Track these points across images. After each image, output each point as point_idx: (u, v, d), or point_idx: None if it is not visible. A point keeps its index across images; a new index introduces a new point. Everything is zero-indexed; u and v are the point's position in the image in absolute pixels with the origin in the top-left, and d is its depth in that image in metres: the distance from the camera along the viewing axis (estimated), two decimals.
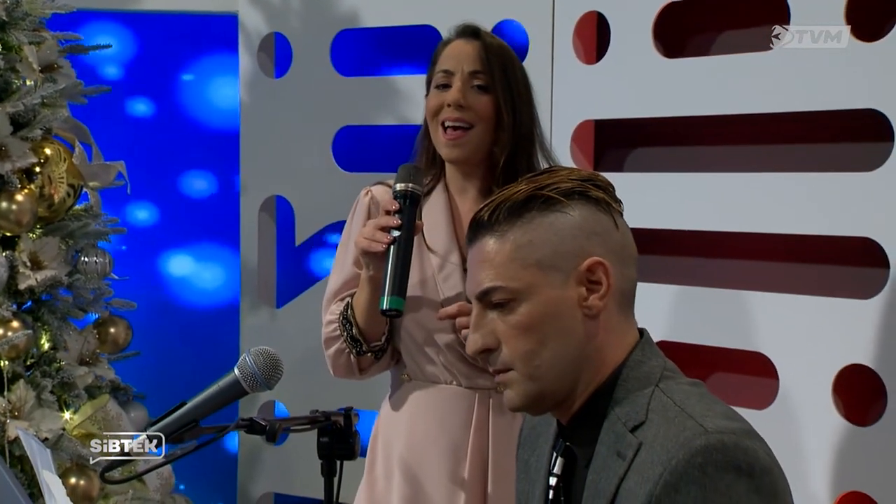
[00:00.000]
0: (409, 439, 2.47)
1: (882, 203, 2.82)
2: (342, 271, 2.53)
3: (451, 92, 2.41)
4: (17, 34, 3.22)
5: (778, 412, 2.96)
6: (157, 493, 3.38)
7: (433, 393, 2.47)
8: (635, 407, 1.59)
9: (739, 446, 1.49)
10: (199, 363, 4.45)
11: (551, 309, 1.61)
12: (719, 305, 3.13)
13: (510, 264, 1.61)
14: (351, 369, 2.49)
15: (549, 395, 1.64)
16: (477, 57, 2.43)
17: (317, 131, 3.83)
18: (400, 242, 2.28)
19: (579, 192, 1.64)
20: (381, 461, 2.53)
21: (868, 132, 2.93)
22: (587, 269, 1.61)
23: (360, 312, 2.42)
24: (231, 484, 4.04)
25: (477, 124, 2.41)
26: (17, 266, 3.09)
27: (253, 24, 3.92)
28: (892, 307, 2.81)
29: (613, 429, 1.60)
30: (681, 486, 1.47)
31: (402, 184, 2.34)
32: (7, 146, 3.09)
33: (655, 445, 1.53)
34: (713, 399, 1.60)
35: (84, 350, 3.30)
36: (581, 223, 1.62)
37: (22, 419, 2.99)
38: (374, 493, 2.53)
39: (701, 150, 3.43)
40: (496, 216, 1.63)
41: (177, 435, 1.88)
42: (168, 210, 4.56)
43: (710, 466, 1.47)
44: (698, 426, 1.51)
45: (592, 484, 1.60)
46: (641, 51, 3.22)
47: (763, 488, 1.48)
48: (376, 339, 2.45)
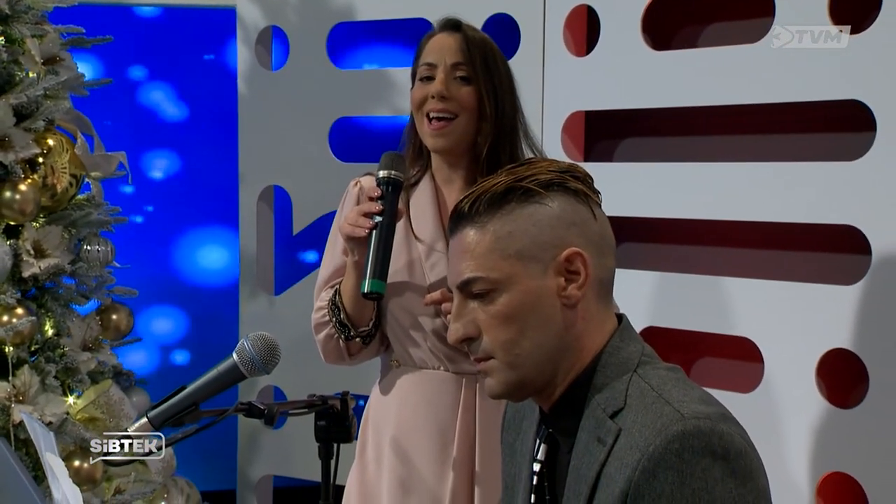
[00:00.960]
0: (399, 423, 2.47)
1: (864, 192, 2.83)
2: (332, 260, 2.54)
3: (434, 84, 2.41)
4: (19, 27, 3.22)
5: (763, 395, 2.97)
6: (158, 475, 3.38)
7: (421, 378, 2.47)
8: (614, 393, 1.60)
9: (715, 431, 1.49)
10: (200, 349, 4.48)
11: (531, 299, 1.61)
12: (706, 292, 3.14)
13: (490, 255, 1.61)
14: (340, 354, 2.49)
15: (530, 382, 1.64)
16: (458, 49, 2.43)
17: (313, 122, 3.83)
18: (382, 227, 2.29)
19: (558, 184, 1.63)
20: (372, 445, 2.53)
21: (851, 122, 2.94)
22: (565, 259, 1.61)
23: (348, 298, 2.42)
24: (231, 466, 4.05)
25: (460, 114, 2.41)
26: (20, 254, 3.09)
27: (250, 17, 3.92)
28: (873, 293, 2.82)
29: (594, 415, 1.60)
30: (658, 472, 1.48)
31: (385, 171, 2.35)
32: (10, 137, 3.08)
33: (634, 431, 1.53)
34: (690, 384, 1.60)
35: (87, 336, 3.30)
36: (560, 214, 1.62)
37: (27, 403, 2.99)
38: (366, 476, 2.53)
39: (689, 140, 3.43)
40: (476, 207, 1.63)
41: (177, 418, 1.88)
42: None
43: (687, 452, 1.48)
44: (675, 412, 1.52)
45: (575, 469, 1.61)
46: (630, 43, 3.23)
47: (738, 471, 1.49)
48: (364, 325, 2.45)
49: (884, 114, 2.79)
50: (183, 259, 4.75)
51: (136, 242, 4.48)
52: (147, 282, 4.20)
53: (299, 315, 3.83)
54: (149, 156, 4.64)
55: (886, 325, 2.79)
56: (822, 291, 2.93)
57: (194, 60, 4.71)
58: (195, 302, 4.72)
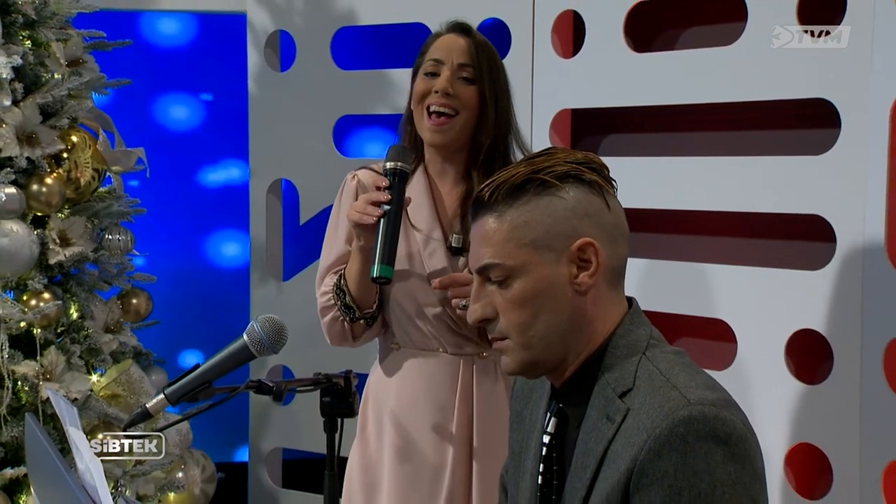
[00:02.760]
0: (399, 400, 2.47)
1: (830, 183, 2.83)
2: (334, 248, 2.52)
3: (439, 80, 2.39)
4: (45, 32, 3.22)
5: (736, 373, 2.98)
6: (176, 447, 3.39)
7: (421, 359, 2.46)
8: (623, 374, 1.59)
9: (718, 417, 1.49)
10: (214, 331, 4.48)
11: (544, 285, 1.60)
12: (684, 277, 3.15)
13: (507, 244, 1.61)
14: (345, 336, 2.47)
15: (542, 362, 1.64)
16: (467, 51, 2.41)
17: (318, 120, 3.83)
18: (389, 215, 2.27)
19: (574, 176, 1.61)
20: (373, 421, 2.52)
21: (817, 119, 2.94)
22: (578, 249, 1.60)
23: (353, 281, 2.40)
24: (243, 439, 4.06)
25: (461, 112, 2.39)
26: (47, 243, 3.09)
27: (260, 22, 3.91)
28: (838, 278, 2.83)
29: (603, 393, 1.59)
30: (663, 453, 1.48)
31: (392, 162, 2.33)
32: (37, 134, 3.09)
33: (642, 413, 1.53)
34: (696, 369, 1.60)
35: (109, 319, 3.30)
36: (574, 205, 1.60)
37: (53, 381, 3.00)
38: (367, 451, 2.52)
39: (668, 136, 3.43)
40: (496, 196, 1.62)
41: (192, 395, 1.88)
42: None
43: (692, 436, 1.47)
44: (682, 397, 1.51)
45: (583, 443, 1.60)
46: (613, 46, 3.22)
47: (738, 455, 1.49)
48: (368, 307, 2.43)
49: (848, 111, 2.80)
50: (198, 246, 4.76)
51: (155, 232, 4.49)
52: (165, 268, 4.21)
53: (306, 299, 3.84)
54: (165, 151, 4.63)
55: (849, 308, 2.80)
56: (790, 276, 2.93)
57: (209, 62, 4.71)
58: (210, 287, 4.72)
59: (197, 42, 4.70)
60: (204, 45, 4.69)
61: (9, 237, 2.98)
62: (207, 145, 4.70)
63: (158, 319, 3.64)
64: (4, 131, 3.01)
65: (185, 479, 3.43)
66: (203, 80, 4.72)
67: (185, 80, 4.70)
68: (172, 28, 4.67)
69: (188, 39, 4.70)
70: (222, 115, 4.68)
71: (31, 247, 3.03)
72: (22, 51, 3.09)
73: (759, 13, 2.94)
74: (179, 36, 4.70)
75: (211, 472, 3.55)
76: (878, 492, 2.75)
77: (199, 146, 4.72)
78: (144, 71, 4.54)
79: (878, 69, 2.73)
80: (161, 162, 4.14)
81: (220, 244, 4.76)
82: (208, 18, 4.59)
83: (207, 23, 4.65)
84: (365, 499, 2.51)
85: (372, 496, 2.50)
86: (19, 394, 2.98)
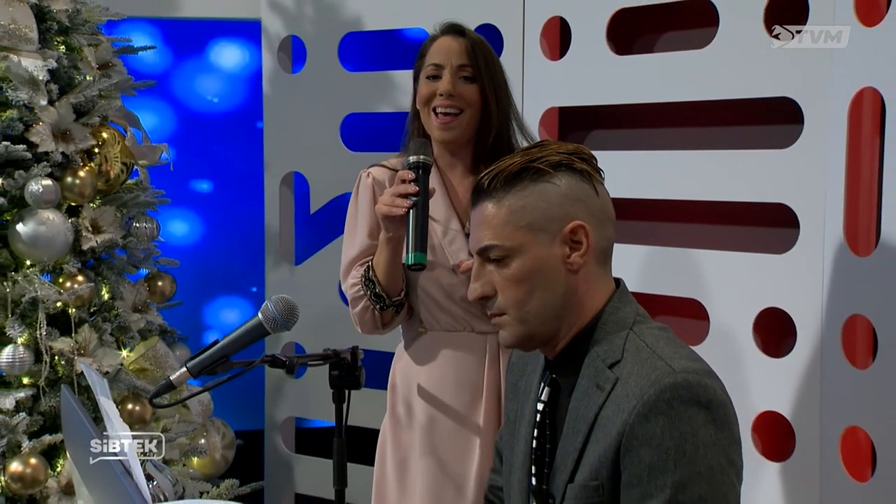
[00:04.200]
0: (429, 379, 2.42)
1: (794, 175, 2.84)
2: (356, 242, 2.45)
3: (441, 83, 2.36)
4: (78, 37, 3.22)
5: (708, 347, 2.99)
6: (198, 416, 3.40)
7: (449, 339, 2.41)
8: (612, 347, 1.60)
9: (701, 384, 1.51)
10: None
11: (539, 265, 1.61)
12: (662, 260, 3.15)
13: (505, 226, 1.62)
14: (375, 324, 2.42)
15: (537, 335, 1.65)
16: (464, 51, 2.37)
17: (327, 118, 3.83)
18: (418, 206, 2.20)
19: (566, 165, 1.63)
20: (402, 403, 2.48)
21: (783, 116, 2.94)
22: (570, 231, 1.61)
23: (381, 271, 2.35)
24: (259, 409, 4.07)
25: (465, 109, 2.36)
26: (80, 230, 3.10)
27: (273, 28, 3.91)
28: (801, 260, 2.84)
29: (594, 364, 1.60)
30: (651, 417, 1.49)
31: (416, 156, 2.27)
32: (71, 131, 3.09)
33: (630, 382, 1.54)
34: (679, 343, 1.61)
35: (137, 300, 3.31)
36: (566, 192, 1.62)
37: (87, 356, 3.01)
38: (398, 430, 2.48)
39: (647, 131, 3.43)
40: (494, 184, 1.63)
41: (212, 368, 1.88)
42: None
43: (676, 401, 1.49)
44: (667, 367, 1.53)
45: (574, 410, 1.61)
46: (597, 49, 3.22)
47: (718, 420, 1.50)
48: (396, 295, 2.38)
49: (810, 108, 2.80)
50: (218, 233, 4.76)
51: (180, 220, 4.50)
52: (187, 255, 4.22)
53: (316, 281, 3.87)
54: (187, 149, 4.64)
55: (811, 288, 2.81)
56: (757, 259, 2.94)
57: (228, 65, 4.71)
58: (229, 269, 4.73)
59: (217, 46, 4.69)
60: (224, 49, 4.69)
61: (46, 225, 2.98)
62: (226, 141, 4.70)
63: (182, 300, 3.65)
64: (41, 128, 3.02)
65: (206, 446, 3.44)
66: (223, 81, 4.72)
67: (208, 81, 4.69)
68: (197, 33, 4.66)
69: (210, 43, 4.70)
70: (239, 114, 4.67)
71: (66, 234, 3.03)
72: (57, 55, 3.09)
73: (729, 19, 2.94)
74: (203, 41, 4.69)
75: (230, 438, 3.57)
76: (836, 454, 2.77)
77: (218, 141, 4.72)
78: (169, 72, 4.55)
79: (837, 70, 2.73)
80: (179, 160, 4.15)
81: (237, 231, 4.76)
82: (226, 25, 4.59)
83: (226, 29, 4.64)
84: (398, 477, 2.48)
85: (404, 475, 2.47)
86: (56, 367, 2.99)
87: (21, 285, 2.95)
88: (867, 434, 2.70)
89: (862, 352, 2.78)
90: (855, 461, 2.78)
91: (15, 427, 2.88)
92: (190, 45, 4.62)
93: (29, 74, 2.99)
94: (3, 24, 2.99)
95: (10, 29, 3.00)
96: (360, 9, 3.75)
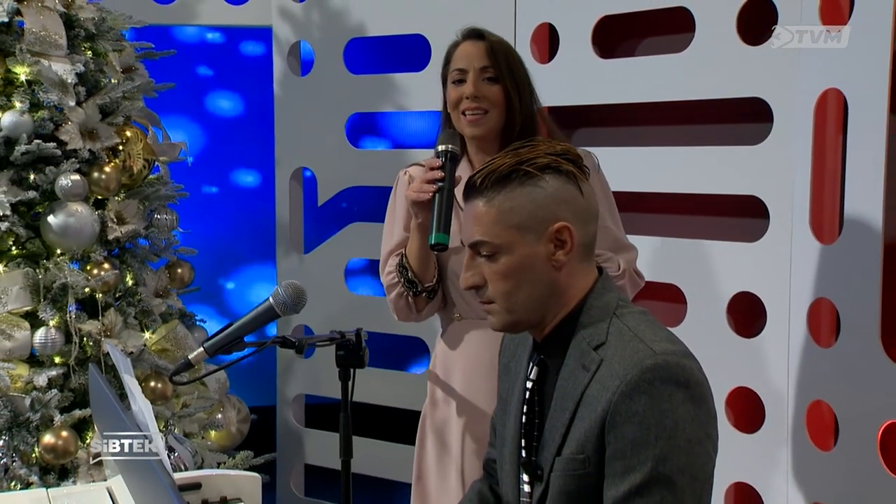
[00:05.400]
0: (465, 365, 2.37)
1: (764, 169, 2.85)
2: (393, 235, 2.42)
3: (466, 86, 2.29)
4: (103, 43, 3.22)
5: (685, 329, 3.01)
6: (215, 393, 3.41)
7: (483, 327, 2.33)
8: (597, 330, 1.60)
9: (679, 365, 1.51)
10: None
11: (526, 262, 1.61)
12: (642, 248, 3.12)
13: (495, 225, 1.61)
14: (410, 309, 2.36)
15: (524, 322, 1.65)
16: (485, 54, 2.31)
17: (333, 117, 3.83)
18: (443, 191, 2.15)
19: (553, 167, 1.61)
20: (441, 388, 2.42)
21: (754, 115, 2.95)
22: (556, 231, 1.60)
23: (414, 257, 2.31)
24: (271, 387, 4.08)
25: (490, 109, 2.30)
26: (106, 222, 3.10)
27: (283, 34, 3.91)
28: (770, 248, 2.85)
29: (579, 346, 1.60)
30: (634, 395, 1.49)
31: (443, 145, 2.22)
32: (97, 130, 3.09)
33: (614, 363, 1.54)
34: (658, 325, 1.61)
35: (158, 286, 3.31)
36: (553, 193, 1.60)
37: (113, 338, 3.01)
38: (436, 413, 2.43)
39: (629, 129, 3.44)
40: (486, 183, 1.62)
41: (226, 348, 1.89)
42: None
43: (657, 381, 1.49)
44: (649, 349, 1.53)
45: (561, 388, 1.62)
46: (583, 53, 3.23)
47: (696, 397, 1.51)
48: (429, 281, 2.33)
49: (779, 108, 2.81)
50: (233, 224, 4.77)
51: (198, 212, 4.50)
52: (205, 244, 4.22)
53: (323, 268, 3.87)
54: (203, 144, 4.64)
55: (779, 273, 2.82)
56: (730, 247, 2.95)
57: (241, 68, 4.71)
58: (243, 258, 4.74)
59: (232, 51, 4.69)
60: (238, 53, 4.69)
61: (74, 217, 2.99)
62: (240, 140, 4.71)
63: (199, 286, 3.66)
64: (70, 128, 3.02)
65: (223, 420, 3.45)
66: (237, 82, 4.72)
67: (225, 83, 4.69)
68: (212, 39, 4.66)
69: (226, 49, 4.70)
70: (252, 114, 4.68)
71: (93, 225, 3.04)
72: (84, 59, 3.09)
73: (704, 25, 2.95)
74: (218, 46, 4.69)
75: (245, 413, 3.57)
76: (802, 427, 2.79)
77: (233, 139, 4.72)
78: (188, 75, 4.55)
79: (803, 73, 2.74)
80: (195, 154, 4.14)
81: (250, 222, 4.77)
82: (240, 31, 4.59)
83: (240, 35, 4.65)
84: (437, 458, 2.44)
85: (442, 454, 2.42)
86: (85, 348, 2.99)
87: (52, 272, 2.96)
88: (830, 407, 2.72)
89: (826, 332, 2.80)
90: (819, 432, 2.80)
91: (48, 402, 2.89)
92: (208, 50, 4.62)
93: (58, 78, 2.99)
94: (35, 31, 2.99)
95: (42, 36, 3.00)
96: (363, 16, 3.75)
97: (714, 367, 2.92)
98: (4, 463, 2.83)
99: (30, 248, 3.00)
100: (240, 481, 2.09)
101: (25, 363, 2.95)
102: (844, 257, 2.62)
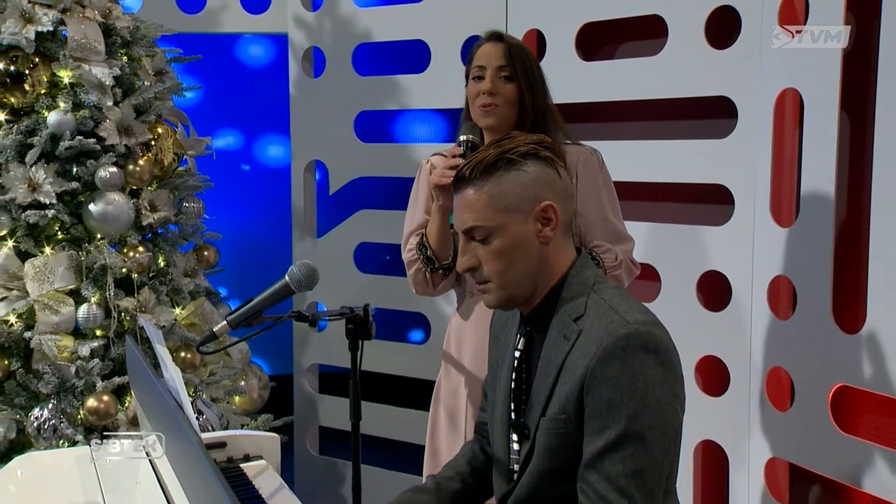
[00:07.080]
0: (475, 337, 2.36)
1: (730, 160, 2.85)
2: (415, 217, 2.42)
3: (484, 83, 2.29)
4: (137, 49, 3.21)
5: (660, 304, 3.01)
6: (238, 363, 3.42)
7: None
8: (577, 304, 1.61)
9: (650, 333, 1.52)
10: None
11: (516, 240, 1.62)
12: None
13: (486, 210, 1.61)
14: (427, 284, 2.36)
15: (517, 297, 1.66)
16: (502, 55, 2.30)
17: (343, 115, 3.82)
18: None
19: (533, 154, 1.62)
20: (454, 357, 2.42)
21: (720, 111, 2.95)
22: (542, 210, 1.61)
23: (433, 236, 2.31)
24: (288, 357, 4.08)
25: (504, 105, 2.29)
26: (140, 209, 3.11)
27: (298, 40, 3.90)
28: (735, 231, 2.86)
29: (561, 319, 1.61)
30: (609, 361, 1.51)
31: (465, 135, 2.24)
32: (132, 127, 3.09)
33: (591, 332, 1.55)
34: (631, 299, 1.62)
35: (187, 266, 3.32)
36: (536, 177, 1.61)
37: (147, 313, 3.02)
38: (450, 381, 2.44)
39: (609, 125, 3.43)
40: (474, 173, 1.63)
41: (247, 322, 1.89)
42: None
43: (630, 348, 1.50)
44: (622, 319, 1.54)
45: (545, 357, 1.63)
46: (567, 56, 3.22)
47: (664, 362, 1.52)
48: (445, 258, 2.33)
49: (743, 105, 2.81)
50: (254, 211, 4.77)
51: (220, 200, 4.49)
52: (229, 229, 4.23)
53: (334, 251, 3.88)
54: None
55: (743, 254, 2.83)
56: (700, 231, 2.96)
57: (260, 71, 4.70)
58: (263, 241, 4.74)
59: (253, 55, 4.68)
60: (257, 58, 4.68)
61: (112, 205, 3.00)
62: (259, 136, 4.70)
63: (224, 267, 3.67)
64: (108, 125, 3.02)
65: (245, 387, 3.46)
66: (256, 83, 4.71)
67: (244, 84, 4.69)
68: (235, 46, 4.65)
69: (246, 53, 4.69)
70: (271, 113, 4.67)
71: (129, 212, 3.04)
72: (120, 64, 3.09)
73: (676, 32, 2.95)
74: (240, 51, 4.68)
75: (265, 381, 3.58)
76: (763, 390, 2.80)
77: (252, 134, 4.72)
78: (215, 78, 4.54)
79: (764, 75, 2.74)
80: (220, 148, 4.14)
81: (269, 209, 4.77)
82: (260, 38, 4.58)
83: (259, 41, 4.63)
84: (448, 420, 2.44)
85: (454, 419, 2.43)
86: (122, 322, 3.01)
87: (93, 254, 2.97)
88: (787, 372, 2.74)
89: (784, 306, 2.81)
90: (777, 395, 2.81)
91: (90, 370, 2.91)
92: (233, 55, 4.61)
93: (98, 80, 3.00)
94: (77, 38, 2.99)
95: (82, 43, 3.00)
96: (370, 24, 3.74)
97: (685, 338, 2.96)
98: (53, 424, 2.85)
99: (73, 233, 3.01)
100: (261, 441, 2.12)
101: (70, 335, 2.96)
102: (801, 239, 2.63)
